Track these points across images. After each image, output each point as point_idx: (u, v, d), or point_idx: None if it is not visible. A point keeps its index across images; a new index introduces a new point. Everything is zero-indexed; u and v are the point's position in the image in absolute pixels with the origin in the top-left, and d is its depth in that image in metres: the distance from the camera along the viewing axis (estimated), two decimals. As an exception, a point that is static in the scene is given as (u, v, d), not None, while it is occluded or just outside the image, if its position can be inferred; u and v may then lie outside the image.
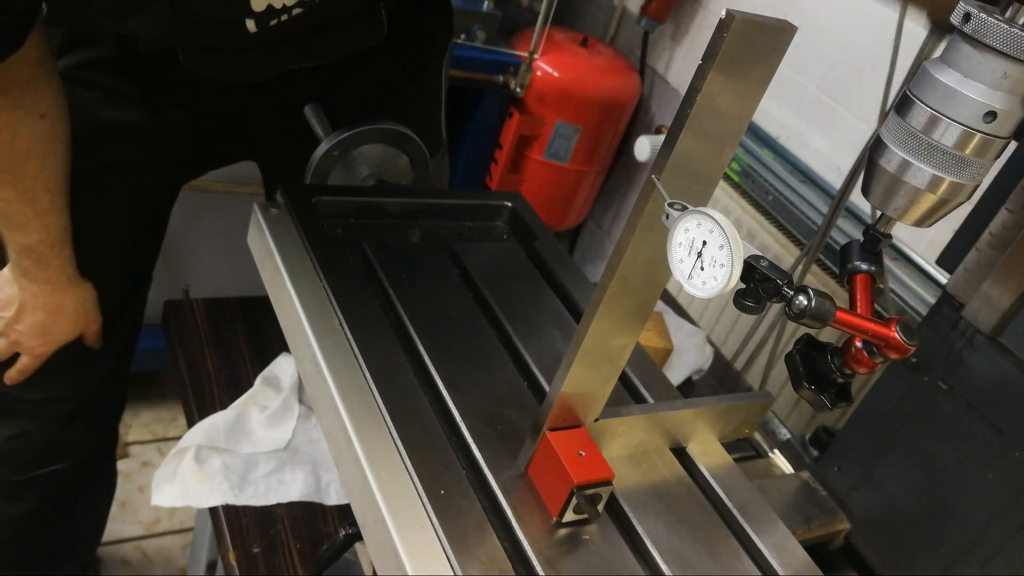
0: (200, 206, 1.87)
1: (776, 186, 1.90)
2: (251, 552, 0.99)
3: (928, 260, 1.61)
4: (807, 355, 0.71)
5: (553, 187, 2.29)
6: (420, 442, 0.73)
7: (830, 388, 0.70)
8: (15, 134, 0.89)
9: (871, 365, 0.67)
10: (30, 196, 0.95)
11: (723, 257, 0.56)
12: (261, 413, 1.13)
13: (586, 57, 2.19)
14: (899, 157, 0.62)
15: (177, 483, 1.06)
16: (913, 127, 0.61)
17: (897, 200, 0.63)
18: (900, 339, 0.62)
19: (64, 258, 1.04)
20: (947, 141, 0.60)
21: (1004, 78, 0.58)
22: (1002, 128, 0.60)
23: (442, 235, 1.08)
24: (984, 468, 0.90)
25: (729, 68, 0.56)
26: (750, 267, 0.57)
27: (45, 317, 1.07)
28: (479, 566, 0.65)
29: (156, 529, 1.95)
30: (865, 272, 0.69)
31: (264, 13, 0.86)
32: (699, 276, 0.57)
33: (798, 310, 0.57)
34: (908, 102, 0.62)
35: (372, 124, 1.10)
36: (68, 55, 1.03)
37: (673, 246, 0.59)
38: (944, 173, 0.61)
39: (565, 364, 0.69)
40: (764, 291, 0.57)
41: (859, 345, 0.67)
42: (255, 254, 0.96)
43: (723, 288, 0.56)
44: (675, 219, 0.58)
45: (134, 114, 1.07)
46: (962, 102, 0.59)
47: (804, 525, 1.01)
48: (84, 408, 1.22)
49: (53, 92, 0.92)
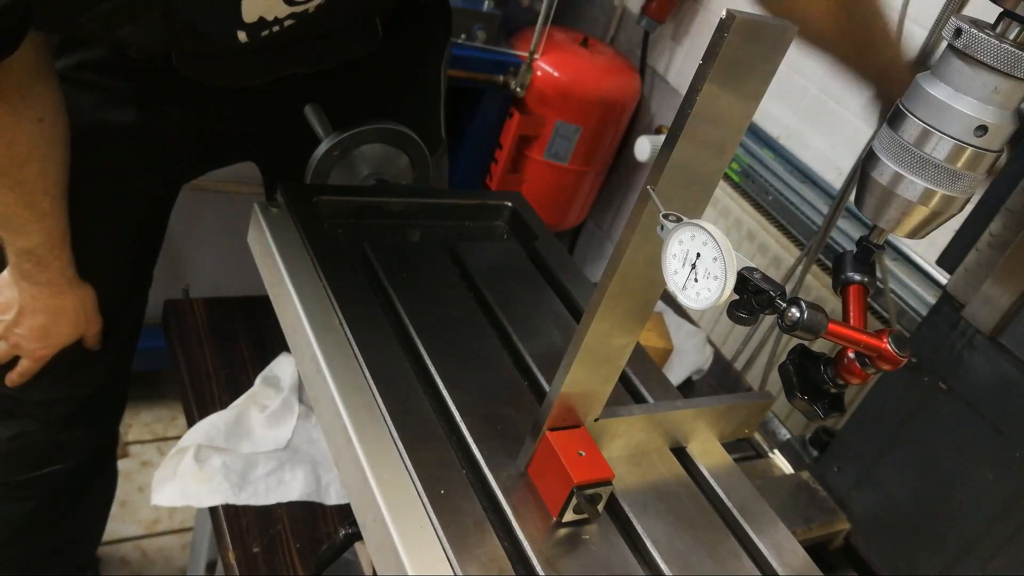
0: (200, 206, 1.87)
1: (776, 186, 1.90)
2: (251, 552, 0.99)
3: (928, 260, 1.61)
4: (800, 365, 0.71)
5: (553, 187, 2.29)
6: (420, 442, 0.73)
7: (823, 398, 0.71)
8: (14, 138, 0.89)
9: (864, 376, 0.67)
10: (30, 199, 0.95)
11: (717, 269, 0.56)
12: (261, 413, 1.13)
13: (586, 57, 2.19)
14: (891, 170, 0.63)
15: (177, 483, 1.06)
16: (905, 140, 0.62)
17: (890, 212, 0.64)
18: (892, 351, 0.63)
19: (64, 260, 1.04)
20: (939, 154, 0.61)
21: (995, 93, 0.59)
22: (993, 142, 0.60)
23: (442, 235, 1.08)
24: (984, 468, 0.90)
25: (729, 68, 0.57)
26: (743, 279, 0.58)
27: (45, 320, 1.07)
28: (479, 566, 0.65)
29: (156, 529, 1.95)
30: (858, 283, 0.69)
31: (255, 25, 0.85)
32: (693, 287, 0.58)
33: (791, 322, 0.58)
34: (900, 115, 0.63)
35: (372, 124, 1.09)
36: (65, 56, 1.03)
37: (668, 257, 0.59)
38: (936, 186, 0.62)
39: (565, 364, 0.69)
40: (757, 303, 0.58)
41: (852, 356, 0.67)
42: (255, 254, 0.96)
43: (717, 300, 0.56)
44: (669, 231, 0.59)
45: (132, 114, 1.06)
46: (953, 116, 0.60)
47: (804, 525, 1.01)
48: (85, 408, 1.22)
49: (52, 95, 0.92)
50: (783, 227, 1.88)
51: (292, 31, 0.89)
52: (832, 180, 1.81)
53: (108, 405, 1.31)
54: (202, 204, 1.87)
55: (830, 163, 1.83)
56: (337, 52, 1.03)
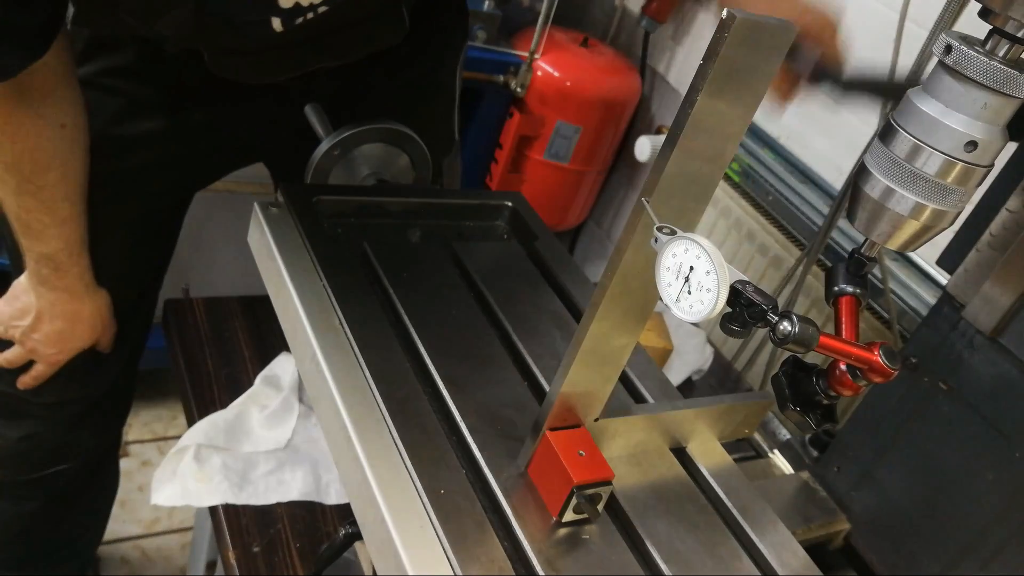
0: (200, 206, 1.86)
1: (776, 186, 1.90)
2: (251, 551, 0.99)
3: (928, 261, 1.61)
4: (793, 376, 0.72)
5: (553, 187, 2.29)
6: (420, 442, 0.73)
7: (815, 409, 0.71)
8: (37, 143, 0.90)
9: (855, 388, 0.68)
10: (50, 205, 0.95)
11: (710, 282, 0.57)
12: (261, 412, 1.13)
13: (587, 57, 2.19)
14: (883, 184, 0.63)
15: (177, 482, 1.06)
16: (896, 155, 0.62)
17: (881, 226, 0.65)
18: (883, 363, 0.64)
19: (82, 266, 1.04)
20: (929, 169, 0.61)
21: (984, 109, 0.59)
22: (983, 157, 0.61)
23: (442, 235, 1.08)
24: (984, 468, 0.91)
25: (730, 68, 0.57)
26: (736, 292, 0.59)
27: (63, 325, 1.07)
28: (479, 566, 0.65)
29: (156, 528, 1.95)
30: (851, 295, 0.70)
31: (291, 11, 0.86)
32: (686, 300, 0.58)
33: (782, 335, 0.59)
34: (892, 130, 0.63)
35: (373, 123, 1.09)
36: (89, 62, 1.03)
37: (661, 270, 0.60)
38: (927, 200, 0.62)
39: (565, 364, 0.69)
40: (750, 316, 0.59)
41: (843, 368, 0.68)
42: (255, 253, 0.96)
43: (710, 313, 0.57)
44: (663, 243, 0.60)
45: (153, 120, 1.07)
46: (944, 132, 0.60)
47: (804, 525, 1.01)
48: (94, 409, 1.22)
49: (74, 101, 0.92)
50: (783, 227, 1.88)
51: (324, 19, 0.89)
52: (832, 180, 1.81)
53: (116, 406, 1.31)
54: (202, 204, 1.86)
55: (830, 163, 1.83)
56: (365, 42, 1.03)
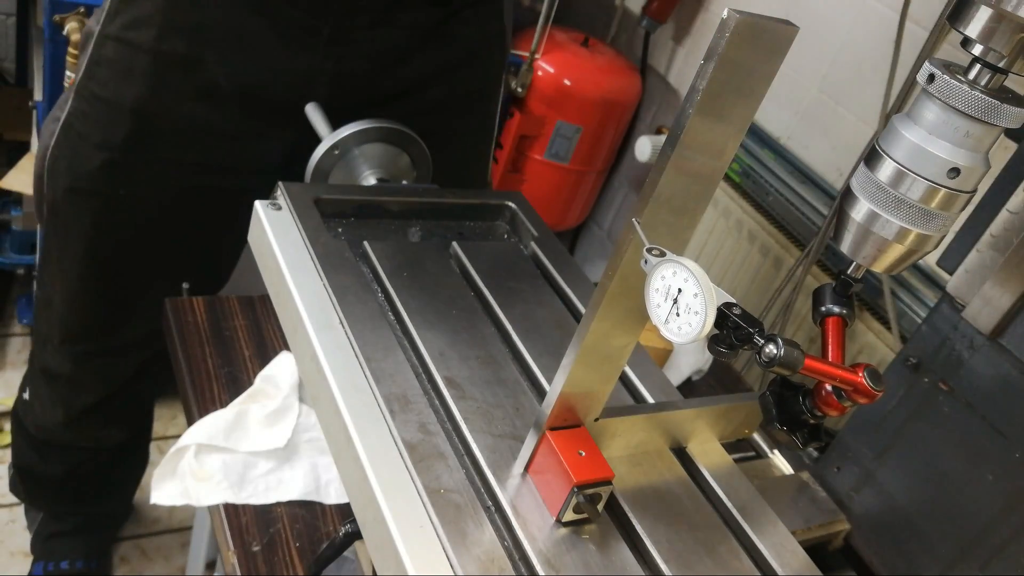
0: (200, 205, 1.86)
1: (776, 186, 1.90)
2: (250, 551, 0.99)
3: (928, 261, 1.61)
4: (780, 396, 0.73)
5: (554, 187, 2.29)
6: (420, 441, 0.73)
7: (802, 428, 0.72)
8: None
9: (841, 408, 0.69)
10: None
11: (697, 305, 0.58)
12: (261, 412, 1.13)
13: (587, 57, 2.19)
14: (868, 208, 0.64)
15: (176, 482, 1.06)
16: (881, 180, 0.63)
17: (866, 249, 0.65)
18: (868, 385, 0.65)
19: None
20: (913, 195, 0.62)
21: (967, 137, 0.60)
22: (966, 183, 0.62)
23: (443, 234, 1.08)
24: (984, 469, 0.90)
25: (730, 68, 0.57)
26: (723, 315, 0.60)
27: None
28: (479, 565, 0.65)
29: (155, 528, 1.95)
30: (837, 315, 0.71)
31: None
32: (675, 321, 0.59)
33: (768, 358, 0.60)
34: (877, 156, 0.64)
35: (372, 123, 1.10)
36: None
37: (651, 291, 0.61)
38: (911, 225, 0.63)
39: (565, 364, 0.69)
40: (736, 338, 0.61)
41: (829, 389, 0.69)
42: (256, 252, 0.97)
43: (698, 334, 0.58)
44: (652, 266, 0.61)
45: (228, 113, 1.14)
46: (927, 158, 0.61)
47: (804, 525, 1.01)
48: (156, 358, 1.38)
49: None
50: (784, 228, 1.88)
51: None
52: (833, 180, 1.82)
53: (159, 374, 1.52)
54: (202, 203, 1.86)
55: (831, 163, 1.83)
56: None
